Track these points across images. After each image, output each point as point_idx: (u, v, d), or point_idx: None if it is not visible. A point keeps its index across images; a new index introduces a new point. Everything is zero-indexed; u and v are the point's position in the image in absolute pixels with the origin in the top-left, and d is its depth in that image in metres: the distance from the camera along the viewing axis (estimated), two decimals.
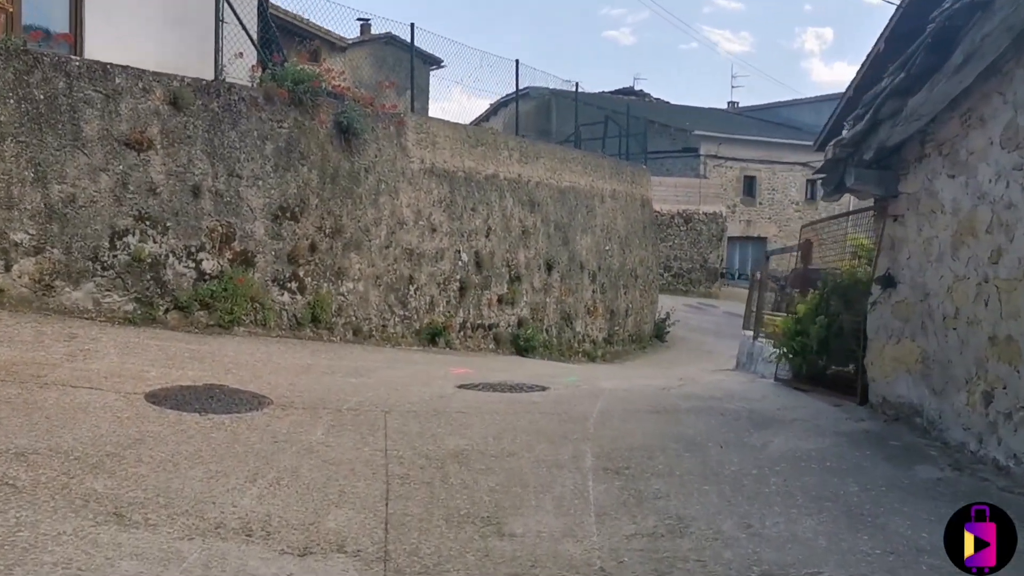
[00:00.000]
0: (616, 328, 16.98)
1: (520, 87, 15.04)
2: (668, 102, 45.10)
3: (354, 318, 10.56)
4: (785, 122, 45.86)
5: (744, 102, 51.28)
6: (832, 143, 6.61)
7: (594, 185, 16.42)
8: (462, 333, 12.47)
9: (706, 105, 51.04)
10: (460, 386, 7.03)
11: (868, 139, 6.09)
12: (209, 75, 9.68)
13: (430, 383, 7.06)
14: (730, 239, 36.77)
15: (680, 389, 7.15)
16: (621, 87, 45.23)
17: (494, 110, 30.48)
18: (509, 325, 13.47)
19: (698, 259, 33.75)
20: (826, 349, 7.02)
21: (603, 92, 39.72)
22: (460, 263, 12.43)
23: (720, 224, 34.59)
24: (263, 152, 9.64)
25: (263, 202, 9.58)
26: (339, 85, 10.70)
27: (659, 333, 19.30)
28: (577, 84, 16.48)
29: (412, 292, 11.52)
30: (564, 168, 15.34)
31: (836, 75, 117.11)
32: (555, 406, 6.09)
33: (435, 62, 26.57)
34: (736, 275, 40.31)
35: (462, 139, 12.69)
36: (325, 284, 10.20)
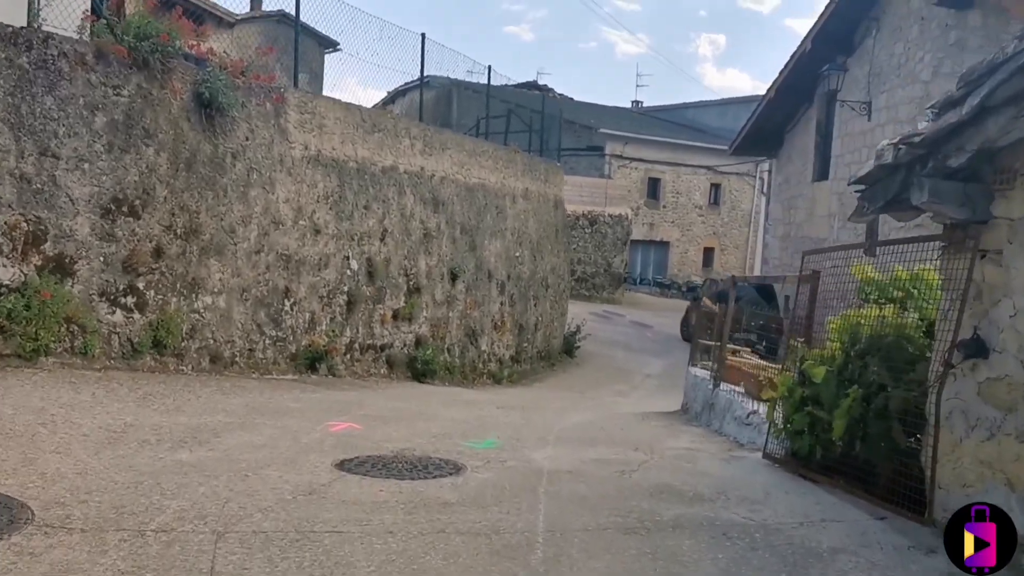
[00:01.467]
0: (524, 344, 15.18)
1: (424, 74, 13.05)
2: (572, 98, 43.68)
3: (212, 341, 8.37)
4: (690, 124, 45.14)
5: (647, 103, 50.34)
6: (893, 142, 4.74)
7: (505, 183, 14.56)
8: (349, 356, 10.41)
9: (609, 104, 49.91)
10: (340, 464, 5.02)
11: (962, 136, 4.21)
12: (20, 20, 7.33)
13: (297, 460, 5.02)
14: (632, 242, 35.60)
15: (644, 472, 5.34)
16: (524, 81, 43.58)
17: (391, 98, 28.15)
18: (405, 345, 11.47)
19: (603, 263, 32.41)
20: (860, 433, 5.06)
21: (506, 85, 38.02)
22: (349, 272, 10.36)
23: (625, 227, 33.36)
24: (92, 126, 7.36)
25: (90, 192, 7.31)
26: (196, 45, 8.45)
27: (568, 348, 17.62)
28: (490, 67, 14.60)
29: (288, 307, 9.39)
30: (473, 162, 13.42)
31: (728, 81, 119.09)
32: (479, 514, 4.16)
33: (331, 44, 24.21)
34: (638, 280, 39.29)
35: (356, 123, 10.60)
36: (174, 299, 7.98)
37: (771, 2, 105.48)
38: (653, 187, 40.20)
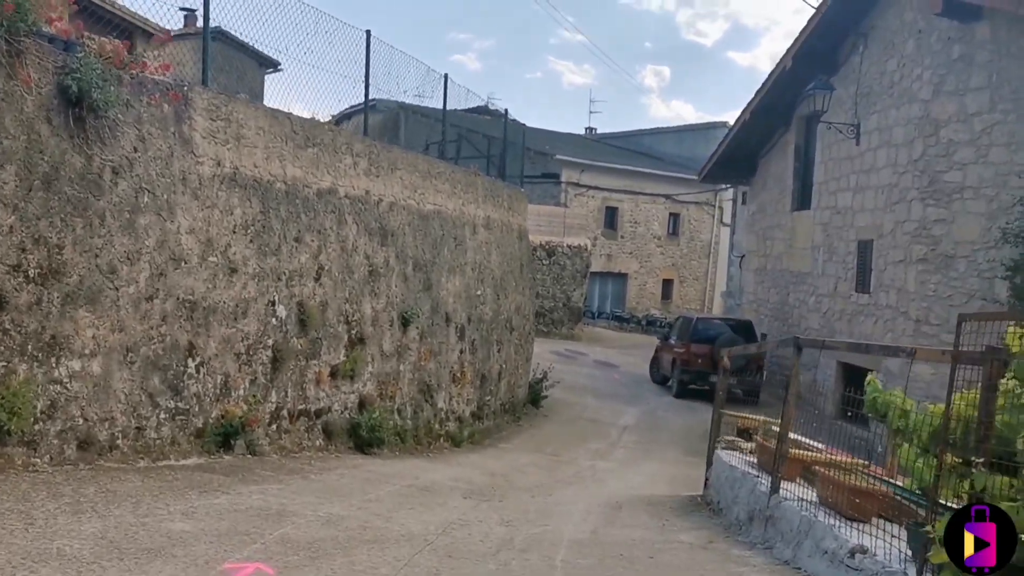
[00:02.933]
0: (487, 398, 13.13)
1: (371, 91, 11.01)
2: (524, 124, 41.96)
3: (81, 420, 6.18)
4: (647, 151, 43.76)
5: (600, 131, 48.92)
6: None
7: (465, 210, 12.58)
8: (275, 427, 8.25)
9: (563, 131, 48.46)
10: None
11: None
12: None
13: None
14: (590, 274, 33.85)
15: None
16: (475, 105, 41.80)
17: (336, 122, 26.11)
18: (346, 408, 9.36)
19: (561, 297, 30.54)
20: None
21: (456, 110, 36.27)
22: (275, 320, 8.24)
23: (585, 259, 31.58)
24: None
25: None
26: (54, 18, 6.32)
27: (535, 398, 15.62)
28: (446, 76, 12.62)
29: (192, 369, 7.24)
30: (428, 185, 11.42)
31: (674, 112, 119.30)
32: None
33: (271, 64, 22.35)
34: (596, 313, 37.53)
35: (285, 135, 8.54)
36: (24, 366, 5.79)
37: (714, 35, 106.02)
38: (611, 216, 38.62)
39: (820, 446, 6.68)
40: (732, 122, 39.47)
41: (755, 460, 6.21)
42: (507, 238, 14.34)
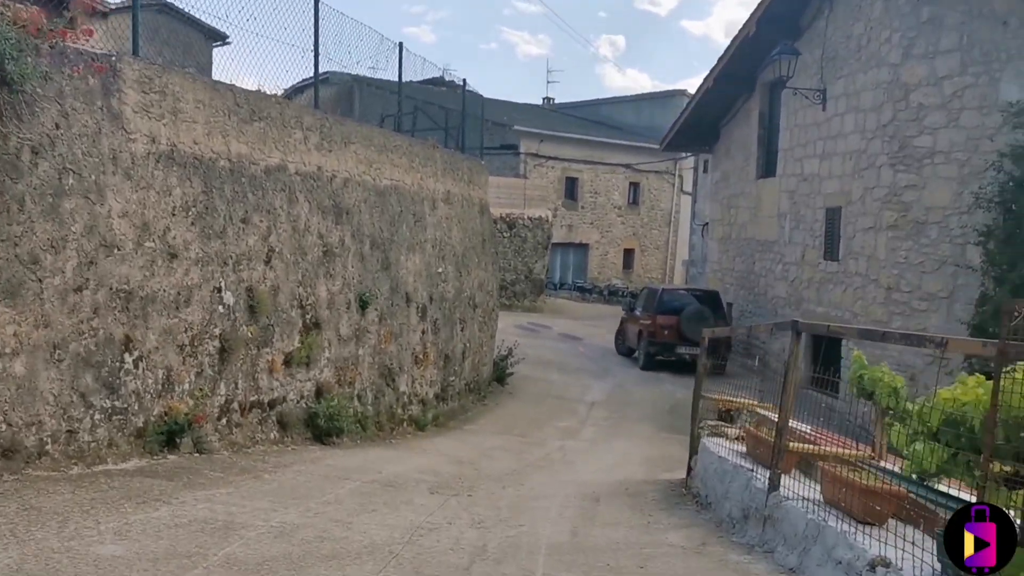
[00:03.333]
0: (451, 378, 12.65)
1: (323, 64, 10.35)
2: (481, 95, 41.18)
3: (4, 427, 5.59)
4: (605, 121, 43.27)
5: (558, 100, 48.25)
6: None
7: (423, 184, 12.01)
8: (225, 421, 7.70)
9: (521, 101, 47.73)
10: None
11: None
12: None
13: None
14: (552, 245, 33.41)
15: None
16: (431, 77, 40.95)
17: (288, 96, 25.19)
18: (303, 397, 8.82)
19: (523, 269, 30.09)
20: None
21: (411, 81, 35.55)
22: (222, 308, 7.65)
23: (546, 230, 31.12)
24: None
25: None
26: None
27: (500, 375, 15.18)
28: (401, 45, 11.97)
29: (130, 365, 6.65)
30: (384, 160, 10.83)
31: (629, 81, 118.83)
32: None
33: (219, 38, 21.46)
34: (558, 284, 37.18)
35: (227, 108, 7.90)
36: None
37: (667, 4, 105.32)
38: (571, 187, 38.19)
39: (806, 428, 6.29)
40: (690, 91, 39.13)
41: (744, 449, 5.80)
42: (468, 212, 13.80)
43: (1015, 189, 11.74)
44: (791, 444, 4.87)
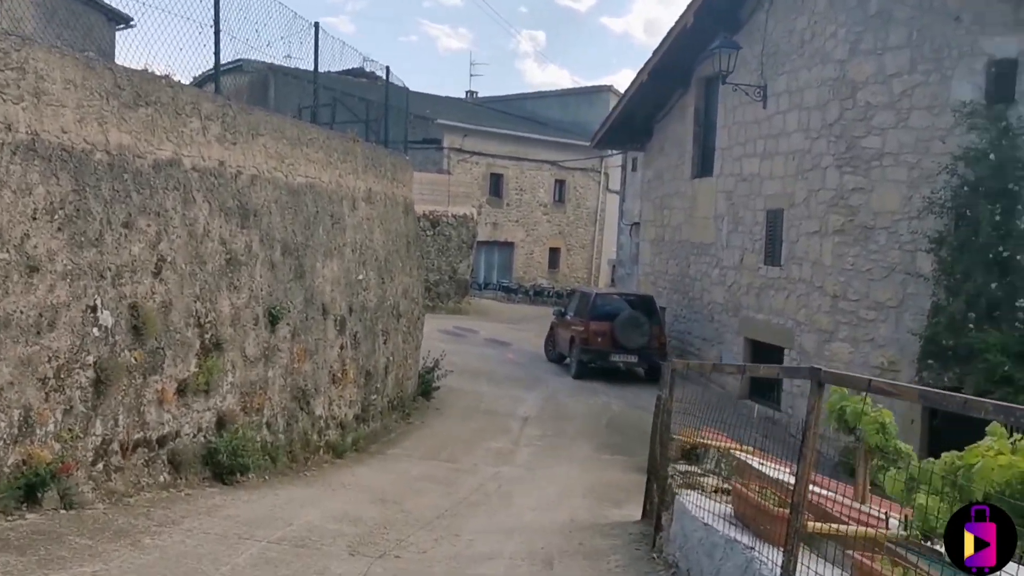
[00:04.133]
0: (373, 397, 11.50)
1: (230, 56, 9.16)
2: (406, 86, 39.80)
3: None
4: (530, 116, 42.43)
5: (481, 95, 47.18)
6: None
7: (342, 182, 10.83)
8: (102, 466, 6.43)
9: (442, 94, 46.50)
10: None
11: None
12: None
13: None
14: (477, 244, 32.41)
15: None
16: (351, 67, 39.39)
17: (199, 84, 23.49)
18: (201, 430, 7.58)
19: (447, 269, 29.00)
20: None
21: (329, 72, 34.12)
22: (97, 331, 6.38)
23: (471, 228, 30.09)
24: None
25: None
26: None
27: (425, 389, 14.07)
28: (317, 24, 10.74)
29: None
30: (298, 155, 9.62)
31: (549, 77, 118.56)
32: None
33: (123, 20, 19.77)
34: (483, 284, 36.19)
35: (106, 90, 6.61)
36: None
37: (588, 1, 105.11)
38: (496, 183, 37.23)
39: (787, 475, 5.36)
40: (617, 87, 38.51)
41: (729, 509, 4.86)
42: (392, 212, 12.64)
43: (969, 194, 11.19)
44: (779, 507, 3.94)
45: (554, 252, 39.42)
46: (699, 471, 6.03)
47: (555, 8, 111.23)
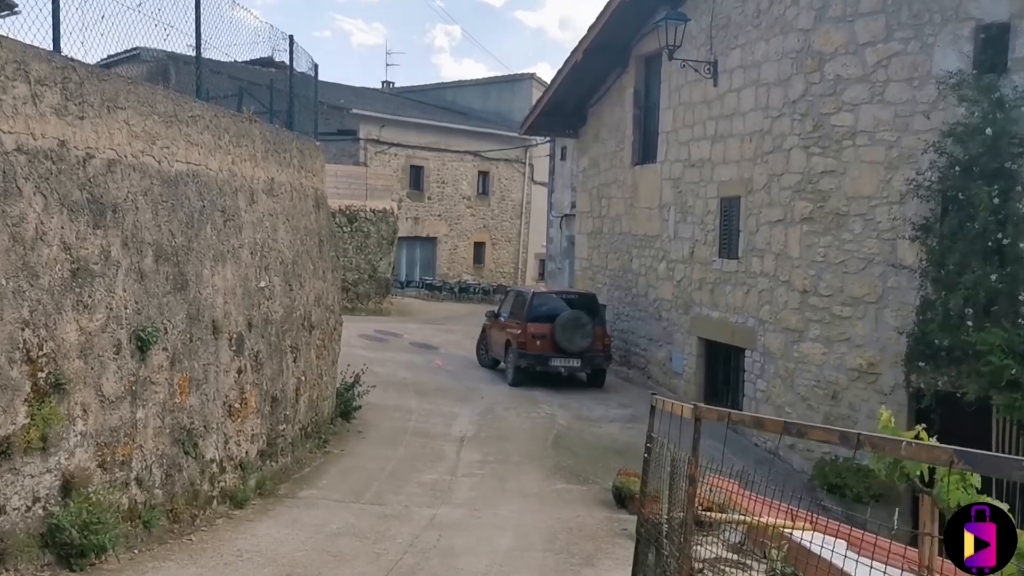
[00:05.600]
0: (281, 426, 9.59)
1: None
2: (315, 64, 37.36)
3: None
4: (450, 107, 40.61)
5: (399, 85, 45.01)
6: None
7: (237, 171, 8.89)
8: None
9: (359, 84, 44.34)
10: None
11: None
12: None
13: None
14: (398, 239, 30.48)
15: None
16: (260, 56, 36.80)
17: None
18: (37, 500, 5.62)
19: (367, 268, 27.03)
20: None
21: (236, 61, 31.61)
22: None
23: (391, 223, 28.16)
24: None
25: None
26: None
27: (345, 409, 12.20)
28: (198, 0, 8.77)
29: None
30: (176, 135, 7.67)
31: (465, 71, 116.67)
32: None
33: (6, 7, 17.23)
34: (405, 282, 34.30)
35: None
36: None
37: None
38: (416, 176, 35.34)
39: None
40: (540, 75, 36.87)
41: None
42: (300, 206, 10.73)
43: (961, 175, 9.90)
44: None
45: (479, 247, 37.73)
46: (728, 554, 4.38)
47: (470, 2, 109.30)
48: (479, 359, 18.54)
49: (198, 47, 9.14)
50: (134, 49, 12.26)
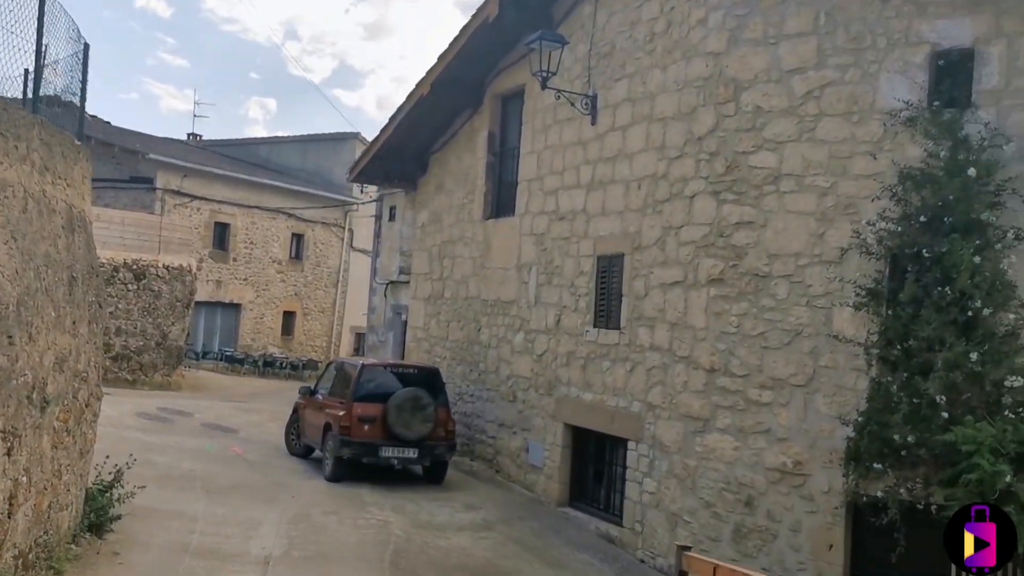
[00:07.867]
0: None
1: None
2: (108, 122, 33.05)
3: None
4: (264, 163, 37.12)
5: (207, 138, 40.95)
6: None
7: None
8: None
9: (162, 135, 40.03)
10: None
11: None
12: None
13: None
14: (195, 304, 26.51)
15: None
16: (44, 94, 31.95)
17: None
18: None
19: (154, 334, 22.89)
20: None
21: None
22: None
23: (188, 284, 24.27)
24: None
25: None
26: None
27: (98, 520, 8.57)
28: None
29: None
30: None
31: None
32: None
33: None
34: (202, 354, 30.01)
35: None
36: None
37: (321, 72, 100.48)
38: (221, 234, 31.50)
39: None
40: (365, 134, 34.19)
41: None
42: (40, 225, 7.29)
43: (924, 228, 7.96)
44: None
45: (288, 316, 34.03)
46: None
47: (287, 77, 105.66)
48: (289, 446, 15.08)
49: None
50: None
